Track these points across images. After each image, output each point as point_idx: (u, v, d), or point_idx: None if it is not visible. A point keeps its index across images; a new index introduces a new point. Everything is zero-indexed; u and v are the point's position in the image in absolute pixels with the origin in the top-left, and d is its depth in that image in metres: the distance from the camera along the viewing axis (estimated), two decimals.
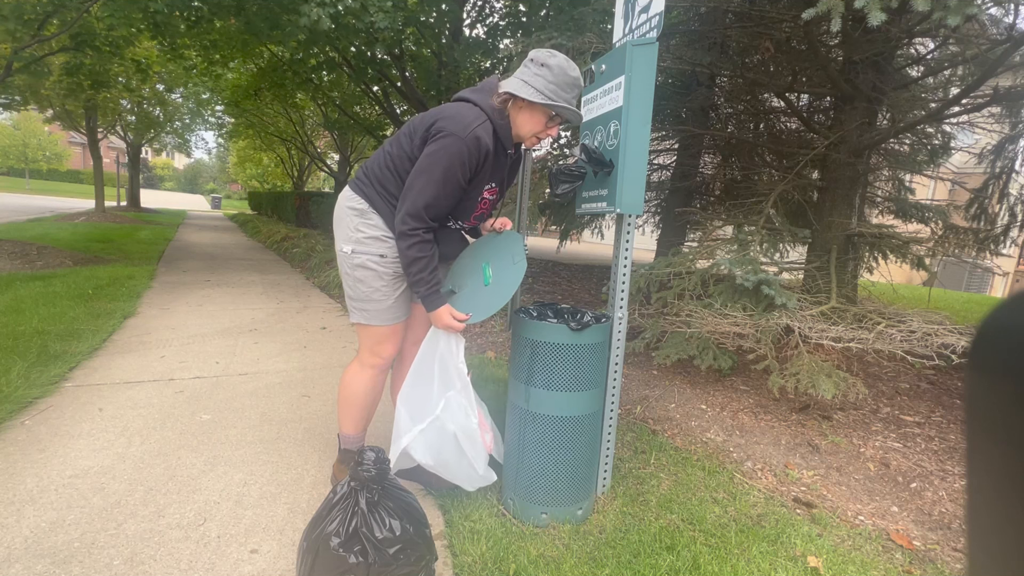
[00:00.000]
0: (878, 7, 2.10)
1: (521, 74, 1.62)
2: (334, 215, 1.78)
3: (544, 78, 1.58)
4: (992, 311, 0.27)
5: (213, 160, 52.59)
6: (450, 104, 1.63)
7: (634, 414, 2.86)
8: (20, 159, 36.08)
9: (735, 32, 4.35)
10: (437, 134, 1.55)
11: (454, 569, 1.57)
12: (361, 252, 1.70)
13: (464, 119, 1.55)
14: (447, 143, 1.54)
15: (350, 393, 1.86)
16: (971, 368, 0.27)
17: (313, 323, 4.40)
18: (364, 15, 5.25)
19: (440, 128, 1.55)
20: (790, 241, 3.88)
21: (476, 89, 1.66)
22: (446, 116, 1.57)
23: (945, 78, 4.47)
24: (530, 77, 1.59)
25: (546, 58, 1.59)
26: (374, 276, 1.72)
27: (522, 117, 1.64)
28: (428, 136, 1.58)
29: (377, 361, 1.84)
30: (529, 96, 1.58)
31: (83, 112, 13.94)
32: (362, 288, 1.74)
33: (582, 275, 7.79)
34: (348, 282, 1.78)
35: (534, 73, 1.59)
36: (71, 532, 1.59)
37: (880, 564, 1.73)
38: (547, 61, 1.58)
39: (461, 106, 1.60)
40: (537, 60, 1.60)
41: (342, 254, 1.74)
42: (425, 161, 1.56)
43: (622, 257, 1.91)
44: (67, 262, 6.37)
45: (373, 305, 1.76)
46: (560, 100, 1.60)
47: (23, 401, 2.41)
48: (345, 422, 1.89)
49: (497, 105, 1.62)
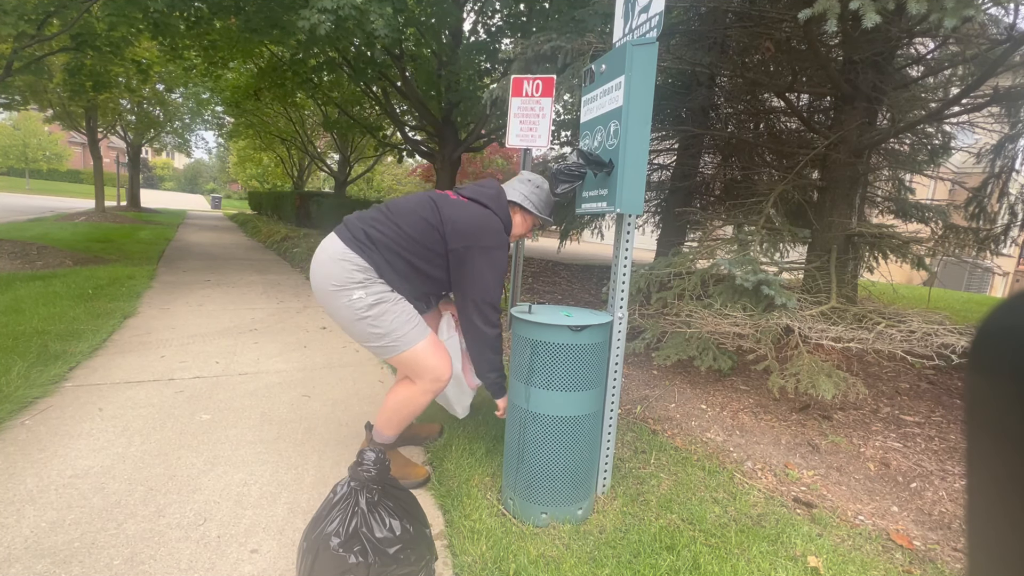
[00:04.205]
0: (872, 9, 2.10)
1: (522, 189, 2.04)
2: (324, 269, 1.77)
3: (539, 197, 2.05)
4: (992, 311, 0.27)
5: (213, 160, 52.62)
6: (485, 215, 1.88)
7: (634, 414, 2.86)
8: (20, 159, 36.07)
9: (735, 32, 4.35)
10: (489, 247, 1.85)
11: (454, 569, 1.57)
12: (373, 292, 1.77)
13: (501, 234, 1.90)
14: (498, 256, 1.88)
15: (406, 411, 1.94)
16: (971, 368, 0.27)
17: (313, 323, 4.40)
18: (365, 22, 5.25)
19: (489, 244, 1.85)
20: (790, 241, 3.88)
21: (491, 197, 1.94)
22: (490, 230, 1.87)
23: (945, 78, 4.47)
24: (530, 194, 2.03)
25: (540, 182, 2.07)
26: (391, 303, 1.80)
27: (518, 219, 2.05)
28: (472, 244, 1.83)
29: (439, 386, 1.91)
30: (533, 210, 2.04)
31: (83, 112, 13.94)
32: (386, 320, 1.78)
33: (582, 275, 7.79)
34: (365, 326, 1.78)
35: (532, 190, 2.04)
36: (71, 532, 1.59)
37: (880, 564, 1.73)
38: (541, 184, 2.06)
39: (493, 219, 1.89)
40: (533, 181, 2.07)
41: (350, 302, 1.75)
42: (486, 263, 1.85)
43: (622, 257, 1.91)
44: (67, 262, 6.37)
45: (403, 327, 1.81)
46: (546, 213, 2.09)
47: (23, 401, 2.41)
48: (388, 427, 1.97)
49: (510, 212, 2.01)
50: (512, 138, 2.90)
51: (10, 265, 5.89)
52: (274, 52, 9.93)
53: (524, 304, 1.93)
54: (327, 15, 4.94)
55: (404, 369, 1.92)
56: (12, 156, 36.18)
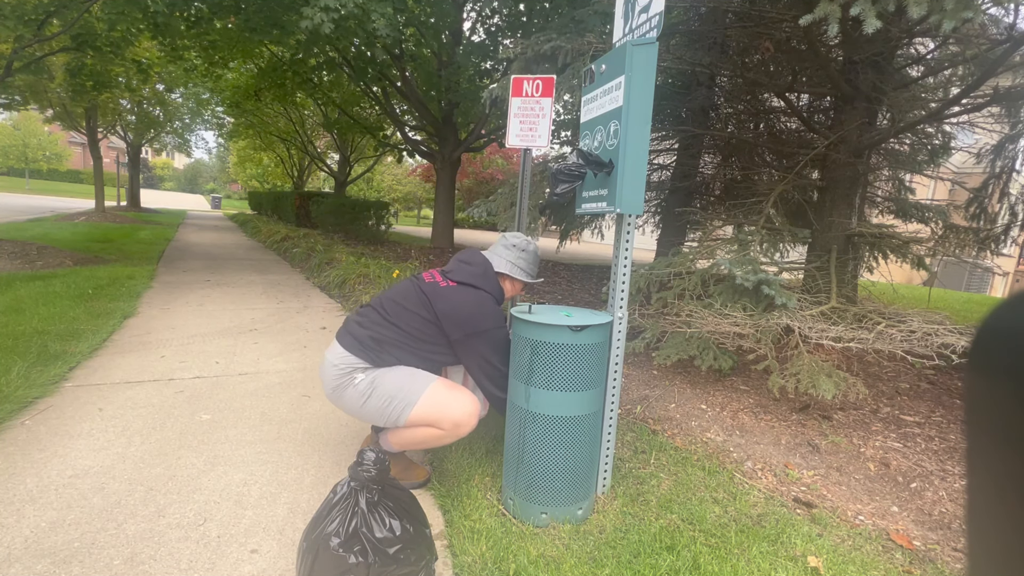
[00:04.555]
0: (873, 13, 2.10)
1: (507, 256, 2.05)
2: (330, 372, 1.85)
3: (526, 260, 2.07)
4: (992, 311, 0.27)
5: (213, 160, 52.60)
6: (478, 300, 1.89)
7: (634, 414, 2.86)
8: (20, 159, 36.09)
9: (735, 32, 4.35)
10: (488, 330, 1.87)
11: (454, 569, 1.57)
12: (372, 373, 1.83)
13: (497, 314, 1.92)
14: (498, 335, 1.91)
15: (424, 445, 1.89)
16: (971, 368, 0.27)
17: (313, 323, 4.40)
18: (367, 21, 5.25)
19: (487, 327, 1.87)
20: (790, 241, 3.88)
21: (479, 276, 1.95)
22: (486, 315, 1.88)
23: (945, 78, 4.47)
24: (516, 259, 2.05)
25: (524, 244, 2.07)
26: (388, 372, 1.84)
27: (507, 285, 2.08)
28: (472, 332, 1.86)
29: (461, 431, 1.83)
30: (522, 277, 2.06)
31: (83, 112, 13.95)
32: (388, 384, 1.81)
33: (582, 275, 7.79)
34: (374, 401, 1.80)
35: (518, 256, 2.05)
36: (71, 532, 1.59)
37: (880, 564, 1.73)
38: (525, 247, 2.07)
39: (486, 301, 1.91)
40: (518, 246, 2.06)
41: (354, 388, 1.82)
42: (488, 346, 1.88)
43: (622, 257, 1.91)
44: (67, 262, 6.37)
45: (406, 382, 1.81)
46: (534, 275, 2.10)
47: (23, 401, 2.41)
48: (399, 444, 1.94)
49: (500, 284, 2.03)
50: (512, 138, 2.90)
51: (10, 265, 5.89)
52: (274, 52, 9.93)
53: (524, 304, 1.93)
54: (329, 14, 4.94)
55: (428, 421, 1.82)
56: (12, 156, 36.20)
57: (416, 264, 7.07)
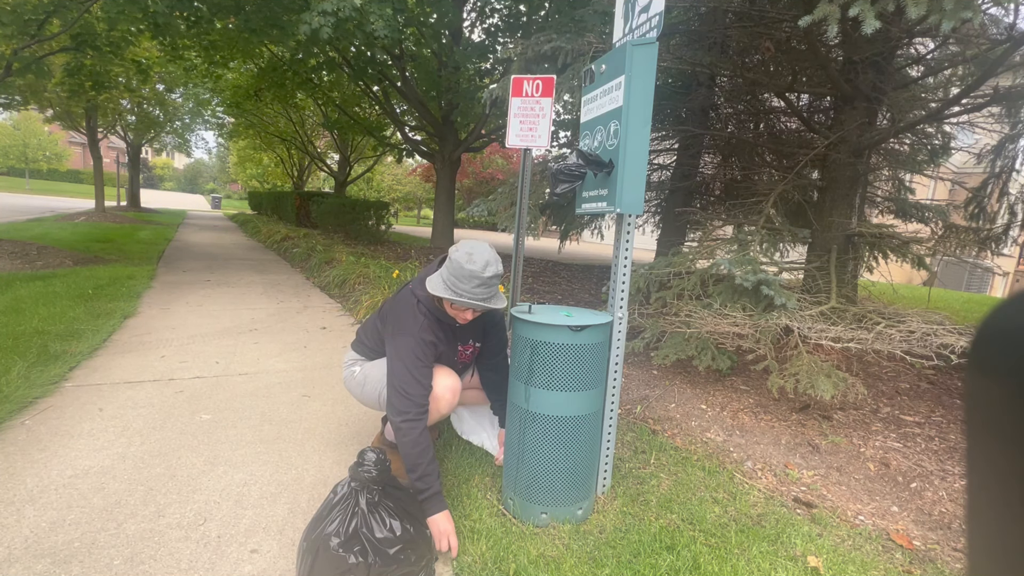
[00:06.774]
0: (872, 14, 2.10)
1: (440, 270, 1.84)
2: (344, 370, 2.14)
3: (448, 271, 1.77)
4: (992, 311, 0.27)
5: (213, 160, 52.62)
6: (404, 302, 1.87)
7: (634, 414, 2.86)
8: (20, 159, 36.07)
9: (735, 32, 4.35)
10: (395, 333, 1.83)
11: (454, 569, 1.57)
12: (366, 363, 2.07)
13: (411, 323, 1.82)
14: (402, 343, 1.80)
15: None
16: (971, 368, 0.27)
17: (313, 323, 4.40)
18: (365, 23, 5.24)
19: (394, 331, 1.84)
20: (790, 241, 3.88)
21: (421, 280, 1.88)
22: (401, 318, 1.85)
23: (945, 78, 4.47)
24: (444, 274, 1.79)
25: (451, 253, 1.80)
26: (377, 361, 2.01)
27: (444, 303, 1.84)
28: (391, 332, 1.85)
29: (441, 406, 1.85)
30: (434, 291, 1.77)
31: (83, 112, 13.93)
32: (375, 370, 1.98)
33: (582, 275, 7.80)
34: (371, 383, 1.98)
35: (445, 268, 1.80)
36: (71, 532, 1.59)
37: (880, 564, 1.73)
38: (451, 256, 1.79)
39: (408, 307, 1.85)
40: (448, 257, 1.82)
41: (353, 377, 2.07)
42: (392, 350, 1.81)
43: (622, 257, 1.91)
44: (67, 262, 6.37)
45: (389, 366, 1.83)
46: (460, 291, 1.75)
47: (23, 401, 2.41)
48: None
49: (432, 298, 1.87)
50: (512, 138, 2.90)
51: (10, 265, 5.89)
52: (274, 52, 9.93)
53: (524, 304, 1.93)
54: (328, 18, 4.94)
55: None
56: (12, 156, 36.18)
57: (416, 264, 7.07)
